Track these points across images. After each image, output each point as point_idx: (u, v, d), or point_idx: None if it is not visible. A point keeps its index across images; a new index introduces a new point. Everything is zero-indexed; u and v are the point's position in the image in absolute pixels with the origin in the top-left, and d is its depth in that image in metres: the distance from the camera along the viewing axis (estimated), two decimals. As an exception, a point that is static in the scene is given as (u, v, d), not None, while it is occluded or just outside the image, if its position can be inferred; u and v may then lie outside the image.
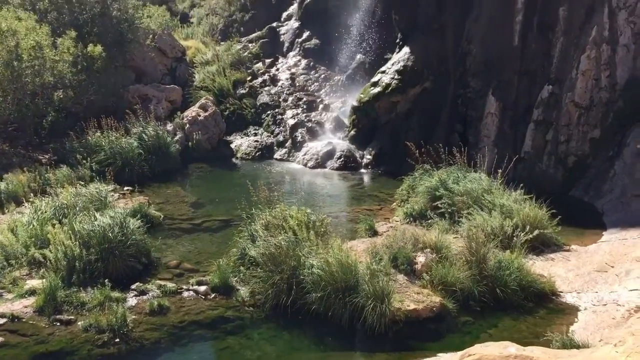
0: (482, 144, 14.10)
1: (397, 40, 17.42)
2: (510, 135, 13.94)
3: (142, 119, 14.94)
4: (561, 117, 13.00)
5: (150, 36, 18.46)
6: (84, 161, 12.93)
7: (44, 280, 7.87)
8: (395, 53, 17.18)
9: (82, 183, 11.50)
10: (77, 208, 9.74)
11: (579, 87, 12.71)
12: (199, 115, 16.53)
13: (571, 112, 12.84)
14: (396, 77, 16.19)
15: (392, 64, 16.58)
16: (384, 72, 16.55)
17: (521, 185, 10.52)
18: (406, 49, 16.57)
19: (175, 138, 15.67)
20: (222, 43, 21.32)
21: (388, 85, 16.19)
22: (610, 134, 12.32)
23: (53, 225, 8.70)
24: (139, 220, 9.69)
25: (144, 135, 14.58)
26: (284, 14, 22.79)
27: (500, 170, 10.71)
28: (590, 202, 11.91)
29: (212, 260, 9.08)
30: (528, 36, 13.85)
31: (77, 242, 8.46)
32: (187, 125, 16.27)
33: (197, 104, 17.06)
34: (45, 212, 9.64)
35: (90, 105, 15.63)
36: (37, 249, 8.68)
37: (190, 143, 16.06)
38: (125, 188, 12.76)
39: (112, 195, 11.62)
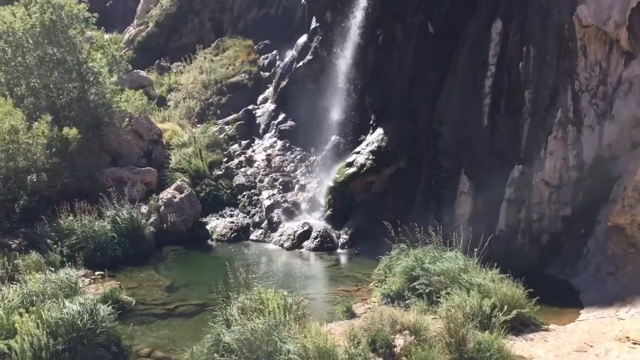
0: (457, 222, 14.20)
1: (371, 122, 17.86)
2: (484, 213, 14.10)
3: (116, 201, 14.84)
4: (533, 195, 13.26)
5: (127, 119, 18.65)
6: (55, 246, 12.68)
7: (8, 373, 7.51)
8: (369, 134, 17.56)
9: (52, 269, 11.23)
10: (46, 295, 9.46)
11: (548, 167, 13.05)
12: (175, 197, 16.48)
13: (542, 191, 13.12)
14: (371, 157, 16.48)
15: (367, 145, 16.91)
16: (358, 152, 16.84)
17: (496, 264, 10.54)
18: (380, 130, 16.96)
19: (150, 220, 15.53)
20: (198, 125, 21.62)
21: (363, 165, 16.44)
22: (582, 211, 12.56)
23: (20, 314, 8.40)
24: (110, 307, 9.43)
25: (117, 218, 14.44)
26: (260, 97, 23.33)
27: (475, 249, 10.75)
28: (566, 280, 11.96)
29: (185, 347, 8.79)
30: (497, 118, 14.31)
31: (45, 331, 8.15)
32: (162, 207, 16.17)
33: (173, 186, 17.04)
34: (13, 300, 9.33)
35: (64, 188, 15.50)
36: (1, 340, 8.33)
37: (165, 225, 15.91)
38: (97, 273, 12.48)
39: (83, 280, 11.36)
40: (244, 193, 18.29)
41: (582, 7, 12.59)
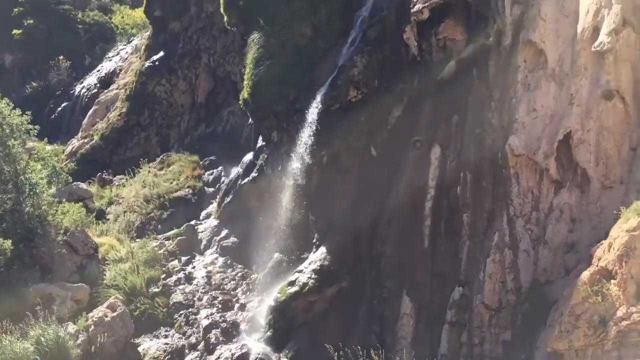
0: (400, 345, 13.94)
1: (315, 240, 17.84)
2: (426, 336, 13.94)
3: (42, 320, 13.93)
4: (473, 318, 13.26)
5: (62, 233, 18.02)
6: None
7: None
8: (312, 252, 17.48)
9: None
10: None
11: (487, 290, 13.19)
12: (106, 316, 15.62)
13: (482, 314, 13.15)
14: (313, 276, 16.29)
15: (309, 264, 16.77)
16: (301, 271, 16.65)
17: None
18: (323, 249, 16.93)
19: (77, 342, 14.55)
20: (137, 240, 21.04)
21: (305, 284, 16.20)
22: (521, 336, 12.57)
23: None
24: None
25: (42, 339, 13.48)
26: (203, 212, 23.13)
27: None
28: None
29: None
30: (437, 239, 14.59)
31: None
32: (92, 327, 15.24)
33: (106, 304, 16.21)
34: None
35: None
36: None
37: (93, 347, 14.92)
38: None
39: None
40: (181, 312, 17.55)
41: (513, 138, 13.39)
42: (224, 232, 21.38)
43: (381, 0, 17.50)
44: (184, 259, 20.29)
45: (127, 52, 39.40)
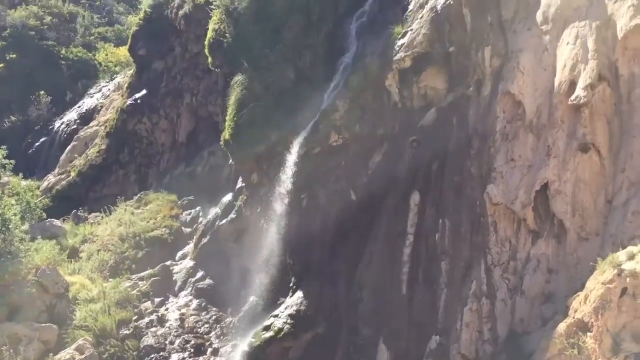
0: (376, 395, 13.68)
1: (291, 284, 17.62)
2: (403, 386, 13.69)
3: (7, 362, 13.46)
4: (450, 368, 13.05)
5: (33, 270, 17.58)
6: None
7: None
8: (288, 297, 17.25)
9: None
10: None
11: (464, 339, 13.03)
12: (74, 359, 15.14)
13: (459, 364, 12.96)
14: (289, 321, 16.04)
15: (286, 308, 16.52)
16: (276, 315, 16.38)
17: None
18: (300, 294, 16.72)
19: (42, 385, 14.05)
20: (110, 280, 20.61)
21: (280, 329, 15.92)
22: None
23: None
24: None
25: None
26: (179, 253, 22.82)
27: None
28: None
29: None
30: (415, 287, 14.47)
31: None
32: (59, 370, 14.77)
33: (74, 346, 15.77)
34: None
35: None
36: None
37: (58, 391, 14.41)
38: None
39: None
40: (152, 355, 17.09)
41: (492, 186, 13.47)
42: (199, 274, 21.06)
43: (364, 48, 17.81)
44: (157, 300, 19.88)
45: (109, 90, 39.47)
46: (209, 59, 23.03)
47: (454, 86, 15.55)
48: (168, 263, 21.87)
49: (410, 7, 17.18)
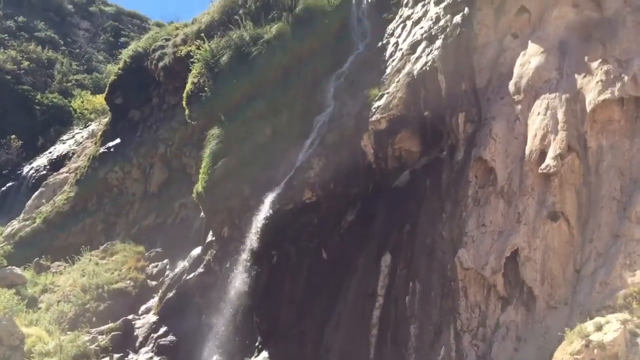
0: None
1: (257, 344, 17.17)
2: None
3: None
4: None
5: (-12, 320, 16.83)
6: None
7: None
8: (253, 356, 16.80)
9: None
10: None
11: (433, 406, 12.75)
12: (23, 416, 14.33)
13: None
14: (253, 383, 15.52)
15: (250, 368, 16.04)
16: (240, 376, 15.86)
17: None
18: (265, 354, 16.32)
19: None
20: (69, 333, 19.81)
21: (244, 391, 15.38)
22: None
23: None
24: None
25: None
26: (143, 307, 22.13)
27: None
28: None
29: None
30: (383, 349, 14.21)
31: None
32: None
33: (24, 402, 14.93)
34: None
35: None
36: None
37: None
38: None
39: None
40: (107, 415, 16.30)
41: (463, 251, 13.50)
42: (162, 329, 20.38)
43: (341, 107, 18.08)
44: (116, 356, 19.12)
45: (82, 137, 39.19)
46: (187, 111, 23.09)
47: (428, 149, 15.79)
48: (130, 317, 21.16)
49: (388, 70, 17.61)
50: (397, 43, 18.44)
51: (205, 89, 21.44)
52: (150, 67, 29.83)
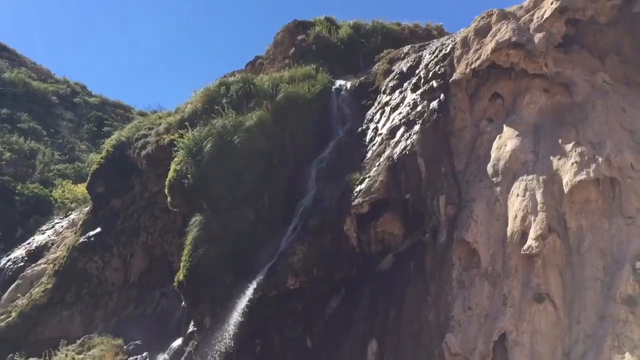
0: None
1: None
2: None
3: None
4: None
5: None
6: None
7: None
8: None
9: None
10: None
11: None
12: None
13: None
14: None
15: None
16: None
17: None
18: None
19: None
20: None
21: None
22: None
23: None
24: None
25: None
26: (121, 403, 21.12)
27: None
28: None
29: None
30: None
31: None
32: None
33: None
34: None
35: None
36: None
37: None
38: None
39: None
40: None
41: (450, 336, 13.23)
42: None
43: (323, 192, 18.21)
44: None
45: (62, 226, 38.63)
46: (169, 199, 23.02)
47: (410, 232, 15.82)
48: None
49: (368, 155, 17.93)
50: (376, 128, 18.91)
51: (188, 176, 21.51)
52: (132, 155, 29.97)
